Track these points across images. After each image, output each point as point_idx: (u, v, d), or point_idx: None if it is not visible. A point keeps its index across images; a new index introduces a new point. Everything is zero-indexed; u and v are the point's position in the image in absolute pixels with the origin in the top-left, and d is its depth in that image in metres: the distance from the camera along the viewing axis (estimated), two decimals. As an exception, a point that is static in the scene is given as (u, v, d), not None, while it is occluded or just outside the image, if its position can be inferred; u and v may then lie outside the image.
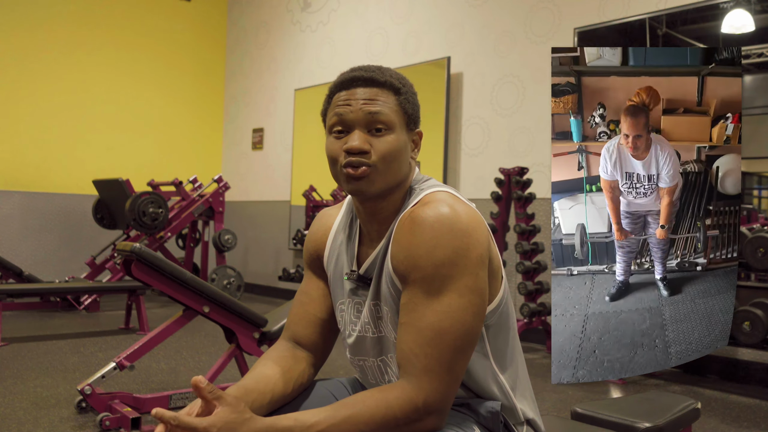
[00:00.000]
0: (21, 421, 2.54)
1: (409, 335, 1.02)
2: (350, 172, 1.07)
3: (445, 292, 1.01)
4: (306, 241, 1.30)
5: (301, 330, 1.24)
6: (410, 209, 1.07)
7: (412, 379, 1.01)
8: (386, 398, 0.99)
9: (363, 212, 1.15)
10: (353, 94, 1.09)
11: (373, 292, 1.13)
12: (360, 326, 1.17)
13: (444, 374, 1.00)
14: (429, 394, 0.99)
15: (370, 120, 1.07)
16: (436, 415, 1.01)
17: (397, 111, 1.10)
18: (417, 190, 1.12)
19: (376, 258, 1.13)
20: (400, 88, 1.11)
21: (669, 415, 1.55)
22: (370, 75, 1.09)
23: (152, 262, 2.57)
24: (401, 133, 1.10)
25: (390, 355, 1.14)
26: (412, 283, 1.03)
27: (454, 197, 1.08)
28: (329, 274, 1.25)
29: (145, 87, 7.14)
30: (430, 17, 5.36)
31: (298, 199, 6.42)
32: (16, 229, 6.35)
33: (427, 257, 1.01)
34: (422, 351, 1.00)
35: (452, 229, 1.01)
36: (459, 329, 1.01)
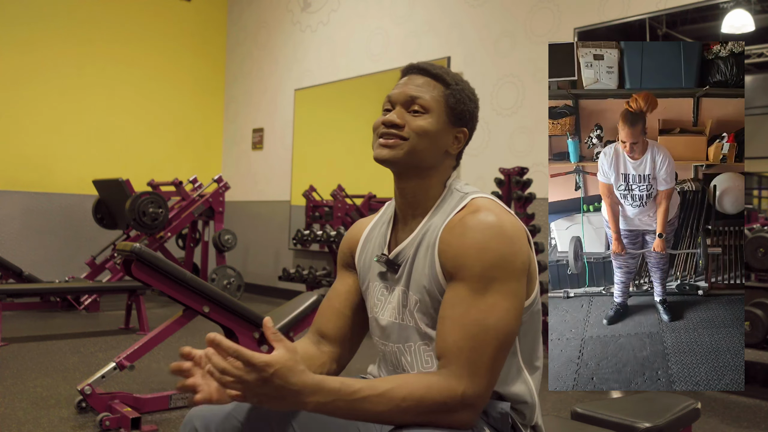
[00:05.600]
0: (21, 421, 2.54)
1: (453, 329, 1.06)
2: (380, 142, 1.17)
3: (491, 292, 1.06)
4: (341, 245, 1.37)
5: (325, 323, 1.29)
6: (460, 214, 1.13)
7: (454, 369, 1.04)
8: (428, 381, 1.03)
9: (399, 195, 1.21)
10: (408, 79, 1.20)
11: (405, 280, 1.18)
12: (386, 310, 1.21)
13: (484, 370, 1.04)
14: (468, 387, 1.03)
15: (410, 101, 1.17)
16: (472, 409, 1.04)
17: (439, 101, 1.18)
18: (459, 192, 1.19)
19: (409, 245, 1.18)
20: (451, 84, 1.19)
21: (669, 415, 1.55)
22: (425, 66, 1.20)
23: (152, 262, 2.57)
24: (438, 121, 1.17)
25: (408, 344, 1.18)
26: (459, 280, 1.08)
27: (498, 206, 1.15)
28: (360, 264, 1.29)
29: (145, 87, 7.14)
30: (430, 17, 5.36)
31: (298, 199, 6.41)
32: (17, 229, 6.35)
33: (477, 258, 1.07)
34: (466, 344, 1.04)
35: (500, 236, 1.08)
36: (501, 328, 1.06)
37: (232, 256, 7.06)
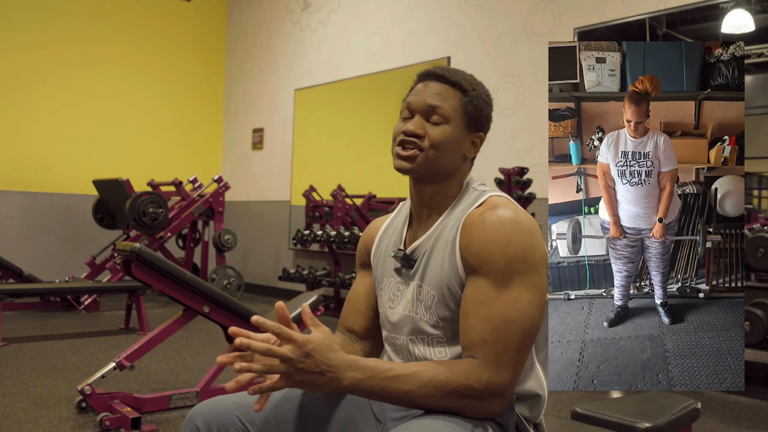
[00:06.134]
0: (21, 421, 2.54)
1: (478, 323, 1.08)
2: (399, 151, 1.18)
3: (514, 285, 1.08)
4: (359, 244, 1.40)
5: (351, 321, 1.33)
6: (479, 209, 1.15)
7: (480, 359, 1.07)
8: (454, 366, 1.07)
9: (416, 197, 1.24)
10: (426, 86, 1.21)
11: (420, 275, 1.20)
12: (400, 304, 1.23)
13: (510, 361, 1.07)
14: (494, 376, 1.05)
15: (429, 111, 1.18)
16: (498, 398, 1.07)
17: (458, 109, 1.19)
18: (475, 190, 1.21)
19: (425, 241, 1.20)
20: (468, 91, 1.20)
21: (669, 415, 1.55)
22: (443, 72, 1.21)
23: (152, 262, 2.57)
24: (457, 129, 1.19)
25: (421, 336, 1.20)
26: (483, 275, 1.10)
27: (513, 203, 1.18)
28: (375, 261, 1.32)
29: (145, 87, 7.14)
30: (430, 17, 5.36)
31: (298, 199, 6.41)
32: (16, 229, 6.35)
33: (500, 252, 1.09)
34: (491, 337, 1.06)
35: (520, 231, 1.11)
36: (525, 320, 1.08)
37: (232, 256, 7.06)
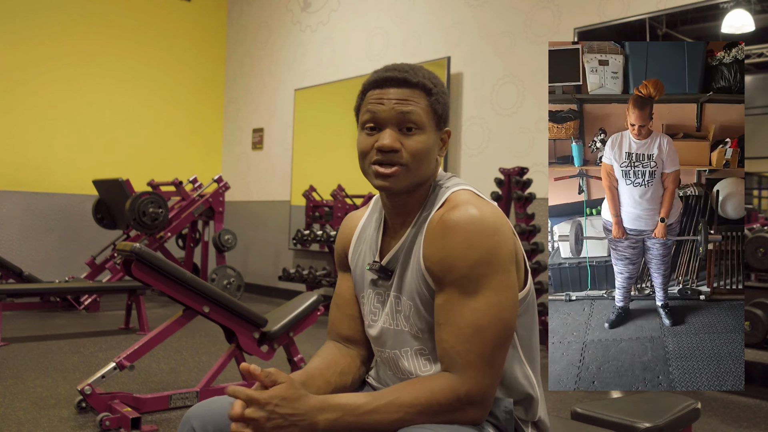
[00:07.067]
0: (21, 421, 2.54)
1: (450, 334, 1.06)
2: (379, 170, 1.11)
3: (482, 290, 1.05)
4: (335, 244, 1.35)
5: (342, 328, 1.29)
6: (440, 212, 1.11)
7: (456, 371, 1.05)
8: (430, 385, 1.04)
9: (390, 206, 1.19)
10: (386, 93, 1.12)
11: (396, 285, 1.17)
12: (380, 317, 1.21)
13: (485, 368, 1.05)
14: (471, 386, 1.04)
15: (401, 119, 1.11)
16: (477, 406, 1.06)
17: (428, 111, 1.13)
18: (441, 187, 1.17)
19: (399, 251, 1.17)
20: (432, 89, 1.13)
21: (669, 415, 1.55)
22: (403, 75, 1.12)
23: (152, 262, 2.57)
24: (431, 133, 1.13)
25: (404, 349, 1.18)
26: (448, 284, 1.07)
27: (476, 197, 1.12)
28: (353, 267, 1.28)
29: (145, 87, 7.14)
30: (430, 17, 5.36)
31: (298, 199, 6.41)
32: (16, 229, 6.35)
33: (463, 259, 1.05)
34: (463, 348, 1.04)
35: (483, 230, 1.05)
36: (497, 325, 1.05)
37: (232, 256, 7.06)
